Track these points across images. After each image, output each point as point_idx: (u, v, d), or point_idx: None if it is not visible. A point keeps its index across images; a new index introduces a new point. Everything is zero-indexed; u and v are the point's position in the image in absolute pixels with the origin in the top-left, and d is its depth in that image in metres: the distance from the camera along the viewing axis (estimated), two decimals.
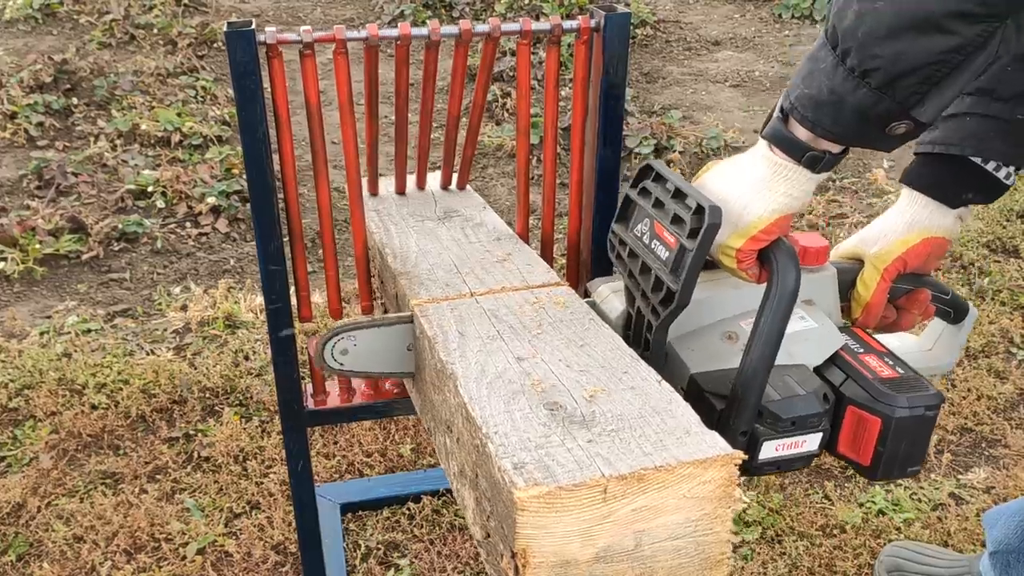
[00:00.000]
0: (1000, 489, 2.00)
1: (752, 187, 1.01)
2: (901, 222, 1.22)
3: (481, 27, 1.25)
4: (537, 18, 4.48)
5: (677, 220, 1.03)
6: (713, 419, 1.02)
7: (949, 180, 1.20)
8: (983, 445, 2.15)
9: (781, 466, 1.07)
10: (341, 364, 1.24)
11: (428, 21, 1.26)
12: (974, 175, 1.19)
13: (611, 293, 1.21)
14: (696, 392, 1.06)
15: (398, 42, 1.24)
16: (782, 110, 0.98)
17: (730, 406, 1.01)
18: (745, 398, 1.00)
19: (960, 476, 2.05)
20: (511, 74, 4.27)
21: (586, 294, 1.26)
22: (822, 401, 1.05)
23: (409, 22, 3.51)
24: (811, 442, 1.05)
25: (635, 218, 1.12)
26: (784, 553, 1.83)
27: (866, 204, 3.32)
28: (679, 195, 1.04)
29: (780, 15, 5.38)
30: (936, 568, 1.71)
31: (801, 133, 0.97)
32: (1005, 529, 1.56)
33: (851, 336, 1.17)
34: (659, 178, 1.09)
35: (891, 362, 1.12)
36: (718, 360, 1.08)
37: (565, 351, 1.03)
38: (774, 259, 1.01)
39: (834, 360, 1.11)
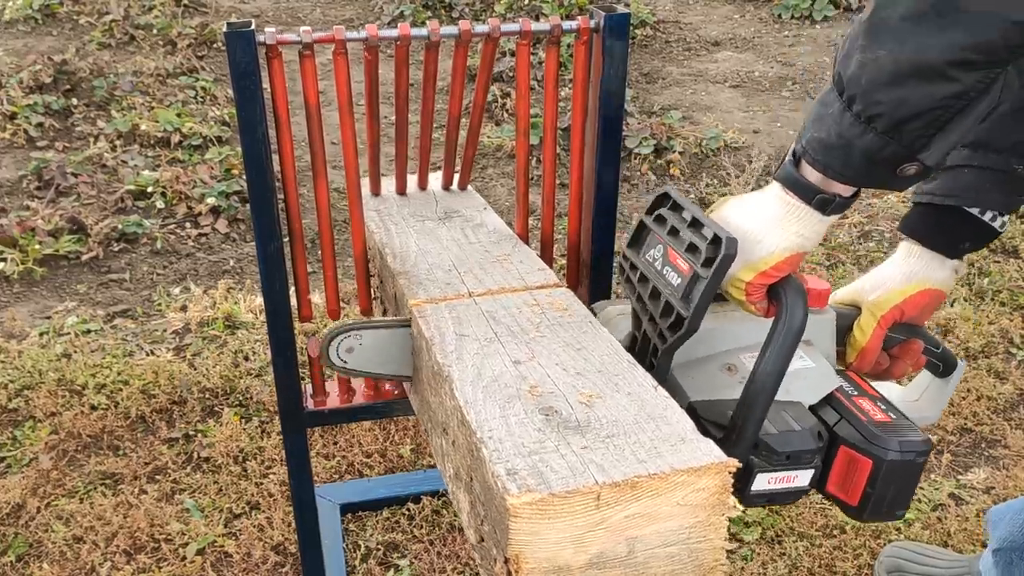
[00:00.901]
0: (1000, 489, 2.00)
1: (766, 224, 1.03)
2: (900, 273, 1.25)
3: (481, 27, 1.25)
4: (537, 18, 4.47)
5: (692, 248, 1.04)
6: None
7: (947, 230, 1.24)
8: (983, 445, 2.15)
9: (772, 499, 1.08)
10: (345, 362, 1.24)
11: (428, 22, 1.26)
12: (971, 225, 1.22)
13: (616, 315, 1.21)
14: (693, 420, 1.07)
15: (398, 43, 1.24)
16: (794, 153, 1.00)
17: (728, 436, 1.02)
18: (744, 429, 1.01)
19: (960, 476, 2.05)
20: (511, 74, 4.27)
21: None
22: (816, 438, 1.06)
23: (409, 23, 3.51)
24: (802, 478, 1.07)
25: (648, 244, 1.13)
26: (784, 553, 1.83)
27: (866, 204, 3.32)
28: (696, 224, 1.06)
29: (780, 15, 5.38)
30: (936, 568, 1.71)
31: (812, 176, 0.99)
32: (1010, 527, 1.56)
33: (846, 379, 1.19)
34: (676, 207, 1.10)
35: (884, 407, 1.13)
36: (716, 390, 1.09)
37: (562, 354, 1.03)
38: (784, 295, 1.03)
39: (829, 400, 1.13)
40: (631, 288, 1.14)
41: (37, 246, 2.87)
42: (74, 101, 3.90)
